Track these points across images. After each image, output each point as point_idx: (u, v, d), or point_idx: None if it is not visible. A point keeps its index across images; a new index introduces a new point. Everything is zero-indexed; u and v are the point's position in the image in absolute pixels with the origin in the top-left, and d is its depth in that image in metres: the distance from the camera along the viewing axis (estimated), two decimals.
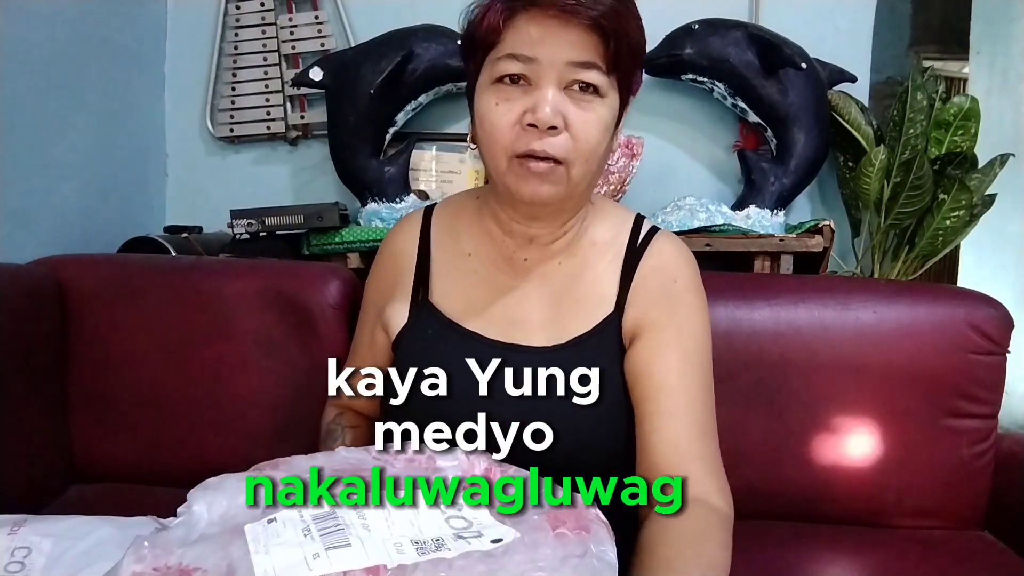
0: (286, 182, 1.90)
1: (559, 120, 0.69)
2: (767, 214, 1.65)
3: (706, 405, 0.77)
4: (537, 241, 0.81)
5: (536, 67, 0.70)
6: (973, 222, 1.61)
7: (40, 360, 1.22)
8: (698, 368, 0.77)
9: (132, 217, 1.76)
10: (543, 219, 0.79)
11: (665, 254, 0.82)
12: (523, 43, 0.70)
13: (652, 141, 1.74)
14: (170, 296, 1.28)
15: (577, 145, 0.71)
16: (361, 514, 0.54)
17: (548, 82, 0.70)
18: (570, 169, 0.72)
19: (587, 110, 0.71)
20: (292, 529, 0.53)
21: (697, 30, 1.63)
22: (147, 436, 1.26)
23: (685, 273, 0.82)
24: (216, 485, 0.62)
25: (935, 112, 1.60)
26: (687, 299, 0.80)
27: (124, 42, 1.72)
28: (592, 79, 0.70)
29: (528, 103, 0.70)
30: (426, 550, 0.51)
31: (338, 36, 1.83)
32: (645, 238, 0.83)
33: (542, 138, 0.70)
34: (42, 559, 0.65)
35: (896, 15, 3.16)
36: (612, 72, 0.71)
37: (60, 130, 1.50)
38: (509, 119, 0.71)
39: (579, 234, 0.82)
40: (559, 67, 0.69)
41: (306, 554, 0.50)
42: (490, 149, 0.73)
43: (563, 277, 0.81)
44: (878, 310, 1.19)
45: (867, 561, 1.12)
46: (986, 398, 1.17)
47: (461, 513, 0.56)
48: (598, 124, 0.72)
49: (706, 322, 0.81)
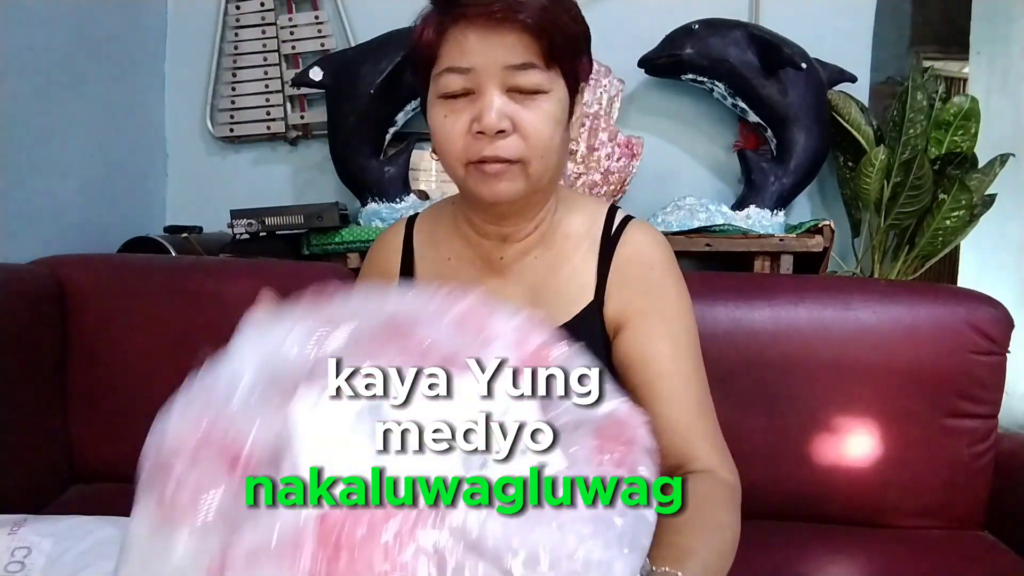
0: (286, 182, 1.90)
1: (506, 123, 0.71)
2: (767, 214, 1.65)
3: (701, 384, 0.78)
4: (511, 239, 0.83)
5: (476, 76, 0.71)
6: (973, 222, 1.61)
7: (40, 360, 1.22)
8: (688, 350, 0.79)
9: (132, 217, 1.76)
10: (511, 216, 0.81)
11: (639, 243, 0.83)
12: (459, 54, 0.71)
13: (652, 141, 1.74)
14: (170, 296, 1.29)
15: (529, 143, 0.72)
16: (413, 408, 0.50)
17: (490, 88, 0.71)
18: (527, 167, 0.73)
19: (533, 108, 0.72)
20: (342, 419, 0.50)
21: (697, 30, 1.63)
22: (147, 436, 1.26)
23: (660, 259, 0.82)
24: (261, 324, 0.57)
25: (935, 112, 1.60)
26: (666, 284, 0.81)
27: (124, 42, 1.72)
28: (532, 79, 0.71)
29: (474, 111, 0.72)
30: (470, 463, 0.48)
31: (338, 36, 1.83)
32: (619, 228, 0.84)
33: (493, 143, 0.71)
34: (42, 559, 0.65)
35: (896, 15, 3.16)
36: (551, 67, 0.73)
37: (60, 130, 1.50)
38: (459, 129, 0.72)
39: (551, 227, 0.84)
40: (497, 72, 0.71)
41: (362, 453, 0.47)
42: (446, 160, 0.75)
43: (540, 270, 0.83)
44: (878, 310, 1.19)
45: (867, 561, 1.12)
46: (986, 398, 1.17)
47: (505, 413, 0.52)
48: (547, 120, 0.73)
49: (688, 304, 0.82)
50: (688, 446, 0.74)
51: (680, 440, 0.74)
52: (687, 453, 0.74)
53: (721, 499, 0.71)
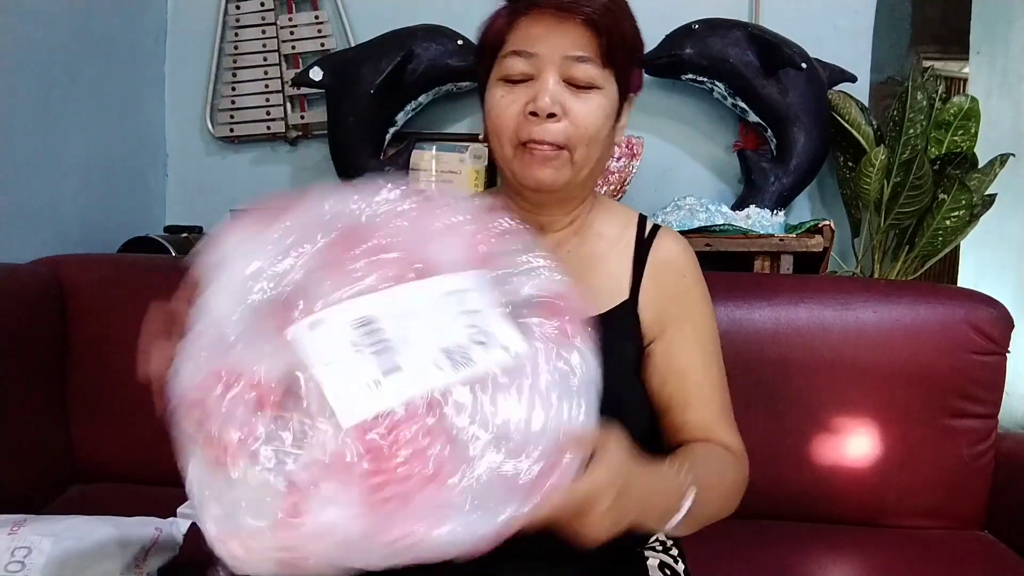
0: (286, 182, 1.90)
1: (558, 108, 0.75)
2: (767, 214, 1.65)
3: (724, 387, 0.86)
4: (547, 228, 0.86)
5: (537, 61, 0.76)
6: (973, 222, 1.61)
7: (40, 360, 1.22)
8: (715, 356, 0.86)
9: (132, 217, 1.76)
10: (550, 206, 0.84)
11: (672, 249, 0.88)
12: (525, 40, 0.77)
13: (652, 141, 1.74)
14: (170, 296, 1.28)
15: (577, 131, 0.76)
16: (397, 319, 0.53)
17: (548, 74, 0.76)
18: (573, 153, 0.77)
19: (585, 100, 0.77)
20: (340, 341, 0.52)
21: (697, 30, 1.63)
22: (147, 436, 1.26)
23: (691, 268, 0.89)
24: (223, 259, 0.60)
25: (935, 112, 1.60)
26: (696, 293, 0.88)
27: (124, 42, 1.72)
28: (588, 72, 0.76)
29: (530, 94, 0.76)
30: (458, 365, 0.52)
31: (338, 36, 1.83)
32: (651, 233, 0.89)
33: (543, 125, 0.76)
34: (42, 559, 0.65)
35: (896, 15, 3.16)
36: (607, 65, 0.78)
37: (60, 130, 1.50)
38: (514, 109, 0.77)
39: (585, 225, 0.88)
40: (557, 60, 0.76)
41: (367, 380, 0.50)
42: (497, 138, 0.79)
43: (574, 264, 0.85)
44: (878, 310, 1.19)
45: (867, 561, 1.12)
46: (986, 398, 1.17)
47: (474, 317, 0.56)
48: (597, 111, 0.77)
49: (712, 309, 0.89)
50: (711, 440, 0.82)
51: (703, 435, 0.82)
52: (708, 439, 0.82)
53: (732, 468, 0.80)
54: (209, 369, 0.53)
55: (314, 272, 0.56)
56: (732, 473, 0.79)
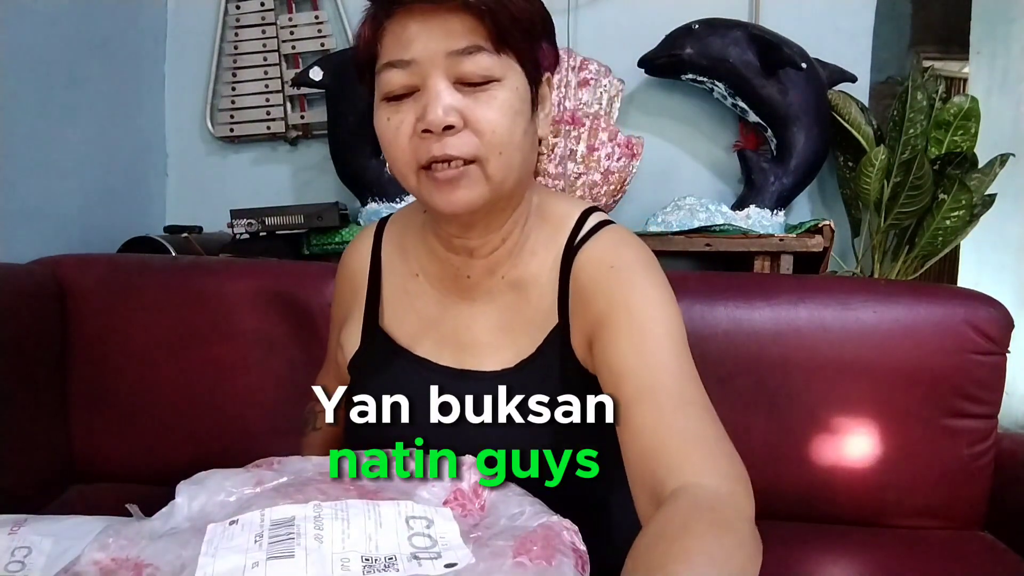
0: (286, 182, 1.91)
1: (453, 117, 0.63)
2: (767, 214, 1.65)
3: (680, 376, 0.62)
4: (477, 254, 0.75)
5: (417, 68, 0.64)
6: (973, 222, 1.61)
7: (40, 360, 1.22)
8: (661, 341, 0.64)
9: (132, 217, 1.76)
10: (477, 226, 0.72)
11: (600, 247, 0.73)
12: (397, 47, 0.65)
13: (652, 141, 1.74)
14: (170, 296, 1.29)
15: (484, 139, 0.64)
16: (319, 523, 0.54)
17: (434, 80, 0.64)
18: (485, 167, 0.65)
19: (485, 100, 0.64)
20: (247, 533, 0.53)
21: (697, 30, 1.63)
22: (147, 436, 1.26)
23: (623, 256, 0.71)
24: (201, 479, 0.62)
25: (935, 112, 1.60)
26: (629, 278, 0.69)
27: (124, 42, 1.72)
28: (481, 64, 0.64)
29: (419, 108, 0.64)
30: (373, 569, 0.51)
31: (338, 36, 1.83)
32: (587, 235, 0.74)
33: (442, 140, 0.64)
34: (42, 559, 0.65)
35: (896, 15, 3.16)
36: (502, 51, 0.65)
37: (60, 130, 1.50)
38: (404, 131, 0.65)
39: (520, 242, 0.75)
40: (440, 61, 0.63)
41: (247, 562, 0.50)
42: (396, 168, 0.68)
43: (508, 292, 0.76)
44: (878, 310, 1.19)
45: (867, 561, 1.12)
46: (986, 398, 1.17)
47: (429, 531, 0.56)
48: (502, 111, 0.64)
49: (663, 298, 0.68)
50: (659, 448, 0.57)
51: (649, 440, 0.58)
52: (655, 472, 0.56)
53: (694, 527, 0.48)
54: (113, 551, 0.55)
55: (270, 493, 0.58)
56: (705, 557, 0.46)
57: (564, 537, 0.56)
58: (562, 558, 0.53)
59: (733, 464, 0.57)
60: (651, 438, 0.58)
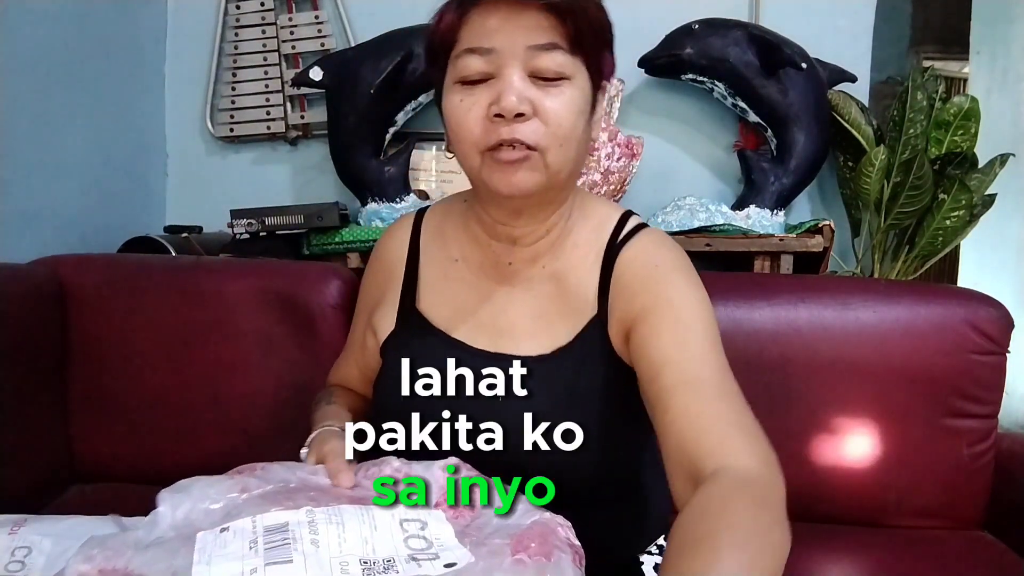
0: (286, 182, 1.90)
1: (526, 106, 0.67)
2: (767, 214, 1.65)
3: (718, 369, 0.67)
4: (521, 242, 0.78)
5: (496, 57, 0.68)
6: (973, 222, 1.61)
7: (40, 360, 1.22)
8: (701, 335, 0.69)
9: (132, 217, 1.76)
10: (526, 214, 0.76)
11: (643, 246, 0.77)
12: (480, 35, 0.68)
13: (652, 141, 1.74)
14: (170, 296, 1.29)
15: (549, 129, 0.68)
16: (314, 528, 0.54)
17: (511, 70, 0.67)
18: (545, 155, 0.69)
19: (555, 95, 0.68)
20: (240, 540, 0.53)
21: (697, 30, 1.63)
22: (147, 436, 1.26)
23: (667, 257, 0.76)
24: (184, 487, 0.61)
25: (935, 112, 1.60)
26: (672, 278, 0.74)
27: (124, 42, 1.72)
28: (556, 61, 0.68)
29: (493, 94, 0.68)
30: (373, 572, 0.51)
31: (338, 36, 1.83)
32: (627, 235, 0.79)
33: (511, 125, 0.67)
34: (42, 559, 0.65)
35: (896, 15, 3.16)
36: (576, 52, 0.69)
37: (60, 130, 1.50)
38: (476, 113, 0.69)
39: (563, 235, 0.79)
40: (520, 53, 0.67)
41: (245, 568, 0.50)
42: (461, 148, 0.71)
43: (547, 281, 0.79)
44: (878, 310, 1.19)
45: (867, 561, 1.12)
46: (986, 398, 1.17)
47: (423, 532, 0.56)
48: (569, 106, 0.69)
49: (701, 297, 0.73)
50: (701, 434, 0.60)
51: (690, 427, 0.61)
52: (700, 441, 0.60)
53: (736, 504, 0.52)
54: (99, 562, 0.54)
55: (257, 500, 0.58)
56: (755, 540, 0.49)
57: (560, 533, 0.57)
58: (560, 554, 0.54)
59: (768, 450, 0.61)
60: (692, 423, 0.62)
